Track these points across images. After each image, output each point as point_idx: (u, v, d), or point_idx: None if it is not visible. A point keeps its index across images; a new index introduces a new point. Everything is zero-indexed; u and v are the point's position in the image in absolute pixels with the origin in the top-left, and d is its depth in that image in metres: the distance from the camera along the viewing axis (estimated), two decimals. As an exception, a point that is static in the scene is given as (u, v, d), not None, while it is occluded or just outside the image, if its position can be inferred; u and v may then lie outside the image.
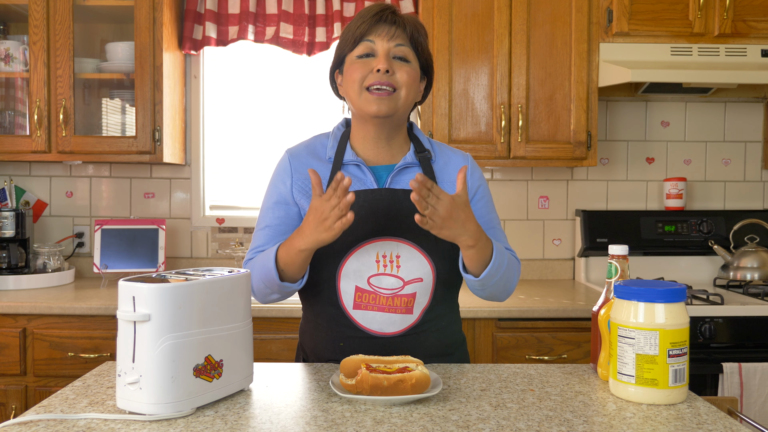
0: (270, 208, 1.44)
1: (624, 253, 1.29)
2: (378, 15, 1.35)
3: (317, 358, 1.44)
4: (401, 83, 1.35)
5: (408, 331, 1.37)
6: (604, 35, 2.59)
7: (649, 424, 1.04)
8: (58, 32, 2.57)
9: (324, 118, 2.97)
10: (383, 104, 1.34)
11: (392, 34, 1.34)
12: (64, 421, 1.04)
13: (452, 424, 1.03)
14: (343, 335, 1.38)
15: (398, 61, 1.35)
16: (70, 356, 2.28)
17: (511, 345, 2.28)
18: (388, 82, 1.33)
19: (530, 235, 2.98)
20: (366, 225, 1.34)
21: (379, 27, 1.35)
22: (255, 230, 1.46)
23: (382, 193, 1.36)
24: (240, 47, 2.91)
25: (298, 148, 1.47)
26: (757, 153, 3.02)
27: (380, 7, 1.37)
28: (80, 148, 2.59)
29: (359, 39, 1.35)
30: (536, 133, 2.61)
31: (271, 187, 1.46)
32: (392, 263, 1.35)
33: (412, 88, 1.37)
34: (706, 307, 2.26)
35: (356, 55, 1.36)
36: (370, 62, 1.35)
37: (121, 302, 1.05)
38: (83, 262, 2.94)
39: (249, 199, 3.00)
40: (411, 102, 1.39)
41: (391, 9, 1.37)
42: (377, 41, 1.34)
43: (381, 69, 1.32)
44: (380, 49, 1.34)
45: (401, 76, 1.35)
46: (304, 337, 1.49)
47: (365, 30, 1.34)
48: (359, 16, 1.37)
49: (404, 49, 1.36)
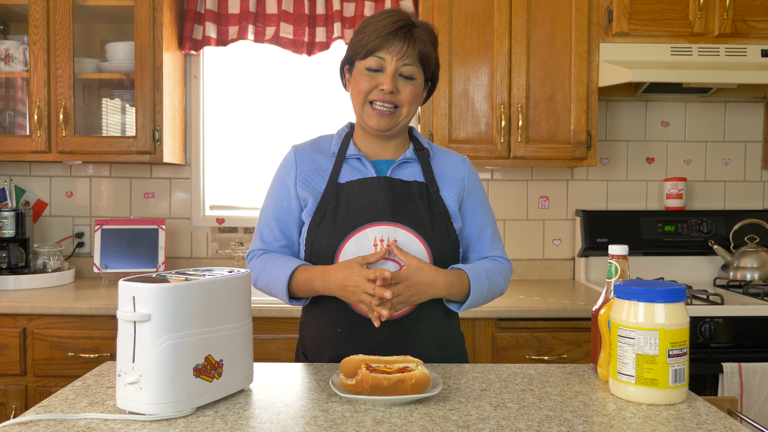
0: (274, 200, 1.50)
1: (624, 253, 1.29)
2: (393, 33, 1.38)
3: (317, 348, 1.46)
4: (403, 102, 1.42)
5: (405, 317, 1.40)
6: (604, 35, 2.59)
7: (649, 424, 1.04)
8: (58, 32, 2.57)
9: (324, 117, 2.96)
10: (384, 120, 1.42)
11: (403, 53, 1.39)
12: (64, 421, 1.04)
13: (452, 424, 1.03)
14: (341, 321, 1.41)
15: (403, 80, 1.41)
16: (70, 356, 2.28)
17: (511, 345, 2.28)
18: (390, 100, 1.41)
19: (530, 235, 2.98)
20: (365, 211, 1.39)
21: (392, 43, 1.39)
22: (258, 221, 1.52)
23: (381, 181, 1.42)
24: (240, 47, 2.91)
25: (303, 144, 1.54)
26: (757, 153, 3.02)
27: (396, 23, 1.39)
28: (80, 148, 2.59)
29: (370, 52, 1.40)
30: (536, 133, 2.61)
31: (275, 179, 1.52)
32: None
33: (414, 105, 1.44)
34: (706, 307, 2.26)
35: (365, 66, 1.41)
36: (377, 77, 1.40)
37: (121, 302, 1.06)
38: (83, 262, 2.94)
39: (249, 199, 3.00)
40: (413, 113, 1.46)
41: (406, 25, 1.40)
42: (387, 58, 1.39)
43: (386, 89, 1.39)
44: (389, 66, 1.40)
45: (404, 95, 1.41)
46: (303, 330, 1.53)
47: (378, 45, 1.39)
48: (375, 26, 1.40)
49: (411, 69, 1.41)
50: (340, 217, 1.40)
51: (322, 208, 1.42)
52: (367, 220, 1.38)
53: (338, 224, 1.39)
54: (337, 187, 1.43)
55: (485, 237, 1.52)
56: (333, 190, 1.43)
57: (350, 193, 1.41)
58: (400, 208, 1.40)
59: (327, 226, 1.40)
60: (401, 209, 1.40)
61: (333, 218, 1.40)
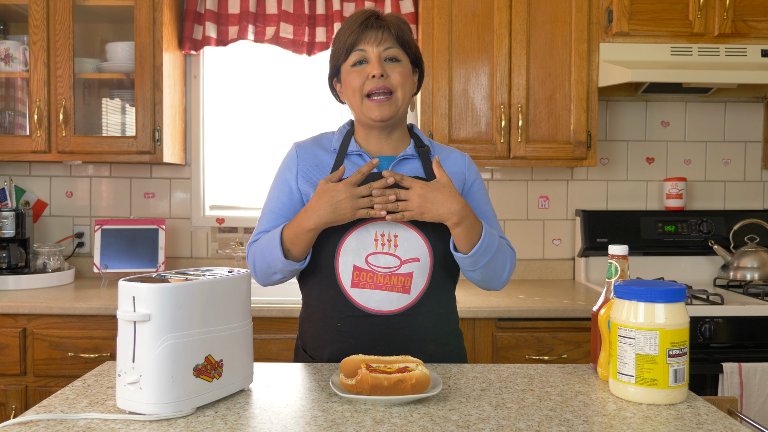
0: (275, 195, 1.52)
1: (624, 253, 1.29)
2: (364, 24, 1.43)
3: (316, 343, 1.46)
4: (396, 84, 1.44)
5: (405, 311, 1.40)
6: (604, 35, 2.59)
7: (649, 424, 1.04)
8: (58, 32, 2.57)
9: (324, 117, 2.97)
10: (384, 108, 1.44)
11: (380, 39, 1.43)
12: (64, 421, 1.04)
13: (452, 424, 1.03)
14: (341, 315, 1.41)
15: (390, 63, 1.45)
16: (70, 356, 2.28)
17: (511, 345, 2.28)
18: (384, 86, 1.43)
19: (530, 235, 2.98)
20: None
21: (367, 34, 1.43)
22: (260, 215, 1.54)
23: (382, 176, 1.42)
24: (240, 47, 2.91)
25: (305, 140, 1.57)
26: (757, 153, 3.02)
27: (364, 15, 1.46)
28: (80, 148, 2.59)
29: (350, 49, 1.44)
30: (536, 133, 2.61)
31: (278, 175, 1.54)
32: (390, 242, 1.40)
33: (407, 86, 1.47)
34: (706, 307, 2.26)
35: (350, 65, 1.45)
36: (364, 69, 1.44)
37: (121, 302, 1.06)
38: (83, 262, 2.94)
39: (249, 199, 3.00)
40: (409, 98, 1.49)
41: (374, 15, 1.46)
42: (367, 48, 1.43)
43: (376, 74, 1.42)
44: (372, 55, 1.43)
45: (395, 78, 1.44)
46: (303, 325, 1.53)
47: (355, 40, 1.43)
48: (346, 27, 1.46)
49: (393, 51, 1.45)
50: None
51: None
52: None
53: None
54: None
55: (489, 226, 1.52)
56: None
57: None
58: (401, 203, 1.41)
59: None
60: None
61: None
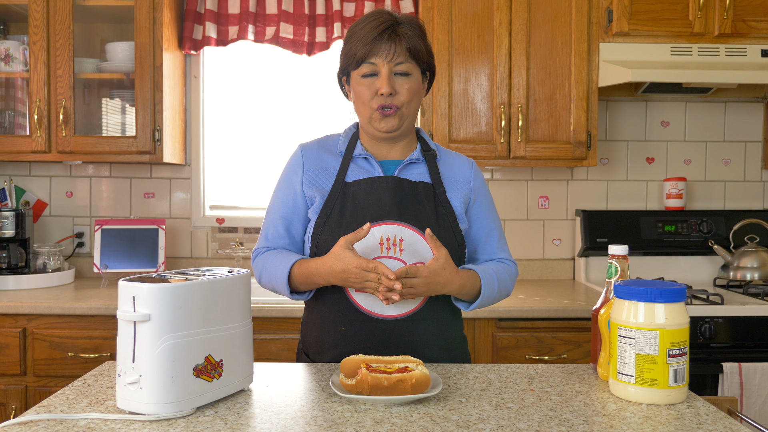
0: (280, 198, 1.51)
1: (624, 253, 1.29)
2: (378, 38, 1.39)
3: (319, 347, 1.46)
4: (404, 101, 1.43)
5: (409, 316, 1.40)
6: (604, 35, 2.59)
7: (649, 424, 1.04)
8: (58, 32, 2.57)
9: (324, 117, 2.96)
10: (391, 121, 1.44)
11: (392, 54, 1.40)
12: (64, 421, 1.04)
13: (452, 424, 1.03)
14: (345, 319, 1.41)
15: (400, 78, 1.42)
16: (70, 356, 2.28)
17: (511, 345, 2.28)
18: (392, 103, 1.42)
19: (530, 235, 2.98)
20: (371, 209, 1.40)
21: (380, 47, 1.40)
22: (264, 219, 1.53)
23: (389, 180, 1.44)
24: (240, 47, 2.91)
25: (310, 143, 1.55)
26: (757, 153, 3.01)
27: (380, 27, 1.40)
28: (80, 148, 2.59)
29: (361, 61, 1.41)
30: (536, 133, 2.61)
31: (282, 178, 1.53)
32: (395, 246, 1.40)
33: (415, 99, 1.46)
34: (706, 307, 2.26)
35: (360, 75, 1.43)
36: (374, 82, 1.42)
37: (121, 302, 1.06)
38: (83, 262, 2.94)
39: (249, 199, 3.00)
40: (416, 110, 1.48)
41: (390, 26, 1.41)
42: (378, 62, 1.41)
43: (384, 93, 1.40)
44: (382, 70, 1.41)
45: (403, 95, 1.43)
46: (306, 329, 1.53)
47: (367, 52, 1.40)
48: (360, 36, 1.41)
49: (405, 66, 1.42)
50: (347, 215, 1.41)
51: (329, 206, 1.43)
52: (373, 218, 1.39)
53: (345, 222, 1.40)
54: (344, 185, 1.44)
55: (493, 239, 1.54)
56: (340, 189, 1.44)
57: (357, 192, 1.42)
58: (407, 207, 1.41)
59: (333, 225, 1.41)
60: (408, 209, 1.41)
61: (340, 216, 1.41)
